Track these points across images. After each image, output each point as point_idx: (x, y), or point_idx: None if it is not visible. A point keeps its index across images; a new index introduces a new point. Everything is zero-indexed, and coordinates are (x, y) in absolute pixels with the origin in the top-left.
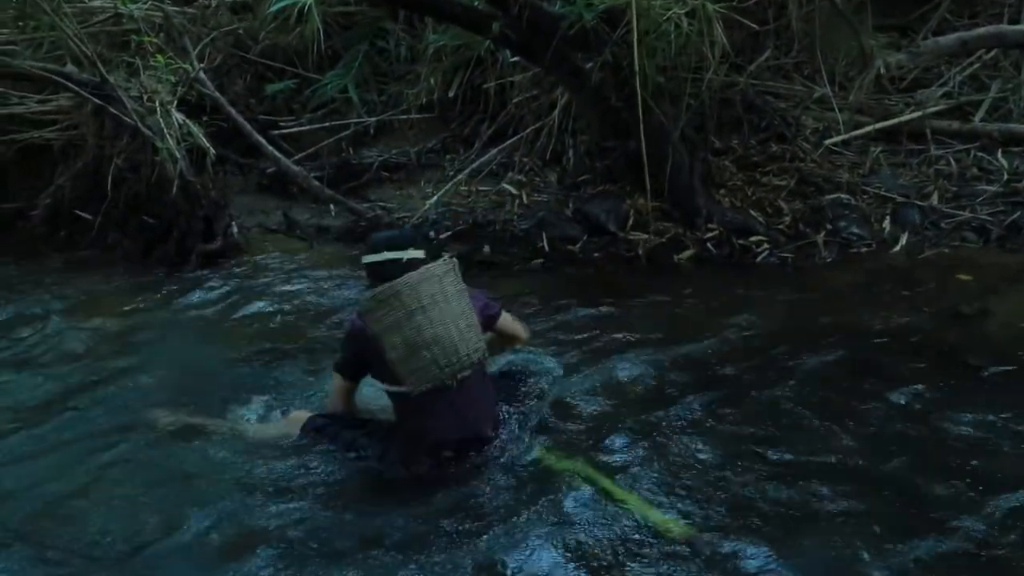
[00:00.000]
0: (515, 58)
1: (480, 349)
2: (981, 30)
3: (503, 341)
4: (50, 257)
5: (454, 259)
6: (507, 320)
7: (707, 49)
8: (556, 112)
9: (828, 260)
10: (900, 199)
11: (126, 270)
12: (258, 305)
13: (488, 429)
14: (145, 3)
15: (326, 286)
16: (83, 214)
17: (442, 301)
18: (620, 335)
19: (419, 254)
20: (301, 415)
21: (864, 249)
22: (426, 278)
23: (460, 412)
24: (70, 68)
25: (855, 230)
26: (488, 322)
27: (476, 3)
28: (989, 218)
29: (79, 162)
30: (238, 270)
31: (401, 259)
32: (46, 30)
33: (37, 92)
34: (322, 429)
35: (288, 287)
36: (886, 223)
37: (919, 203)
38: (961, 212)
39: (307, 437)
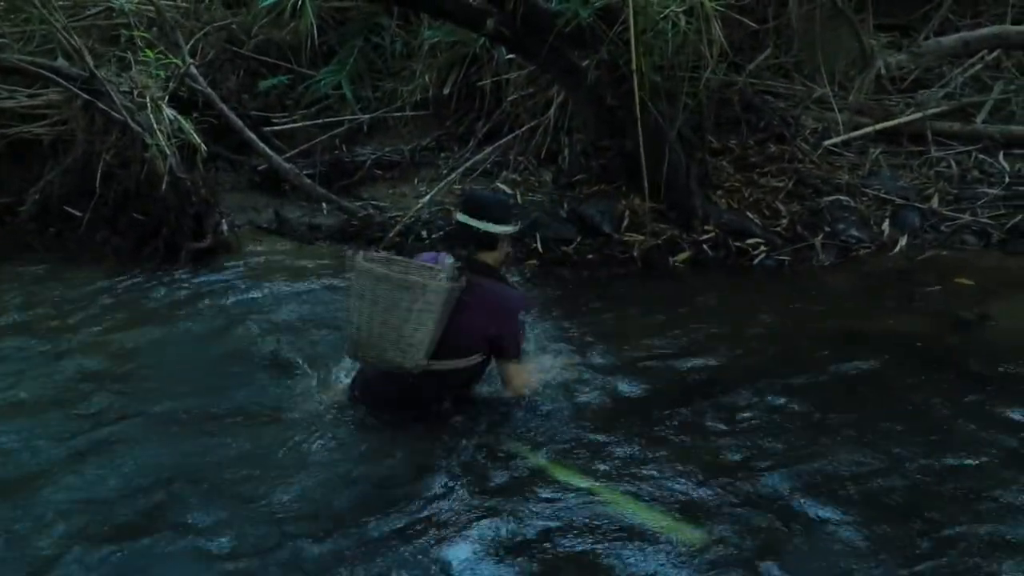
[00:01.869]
0: (510, 55)
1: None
2: (984, 30)
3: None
4: (39, 253)
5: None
6: (511, 370)
7: (705, 48)
8: (552, 110)
9: (826, 263)
10: (900, 201)
11: (115, 267)
12: (245, 304)
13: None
14: None
15: (315, 285)
16: (72, 210)
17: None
18: (613, 340)
19: (497, 228)
20: None
21: (863, 252)
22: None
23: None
24: (60, 62)
25: (854, 233)
26: (491, 348)
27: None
28: (990, 221)
29: (68, 158)
30: (227, 268)
31: (473, 228)
32: (36, 23)
33: (27, 86)
34: None
35: (276, 286)
36: (885, 226)
37: (919, 205)
38: (962, 215)
39: None
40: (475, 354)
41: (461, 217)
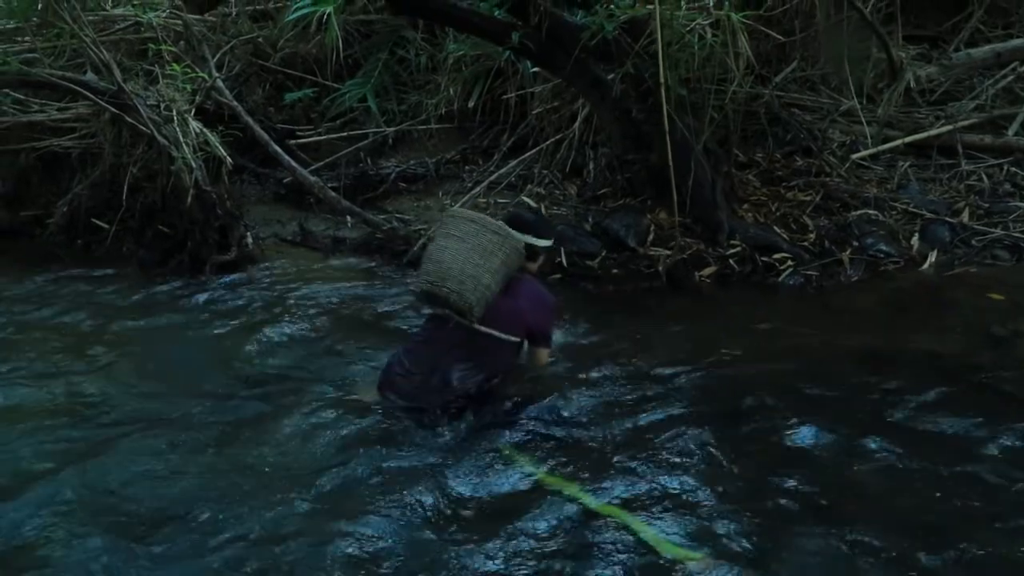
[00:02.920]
0: (536, 69)
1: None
2: (1015, 41)
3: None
4: (67, 265)
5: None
6: (540, 353)
7: (731, 60)
8: (577, 124)
9: (854, 279)
10: (929, 215)
11: (141, 279)
12: (269, 316)
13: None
14: (165, 11)
15: (339, 298)
16: (99, 223)
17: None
18: (636, 356)
19: (538, 242)
20: None
21: (892, 267)
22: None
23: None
24: (89, 76)
25: (882, 247)
26: (529, 335)
27: (496, 13)
28: (1022, 235)
29: (96, 171)
30: (251, 281)
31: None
32: (67, 38)
33: (57, 100)
34: None
35: (300, 299)
36: (915, 240)
37: (949, 220)
38: (993, 229)
39: None
40: (513, 336)
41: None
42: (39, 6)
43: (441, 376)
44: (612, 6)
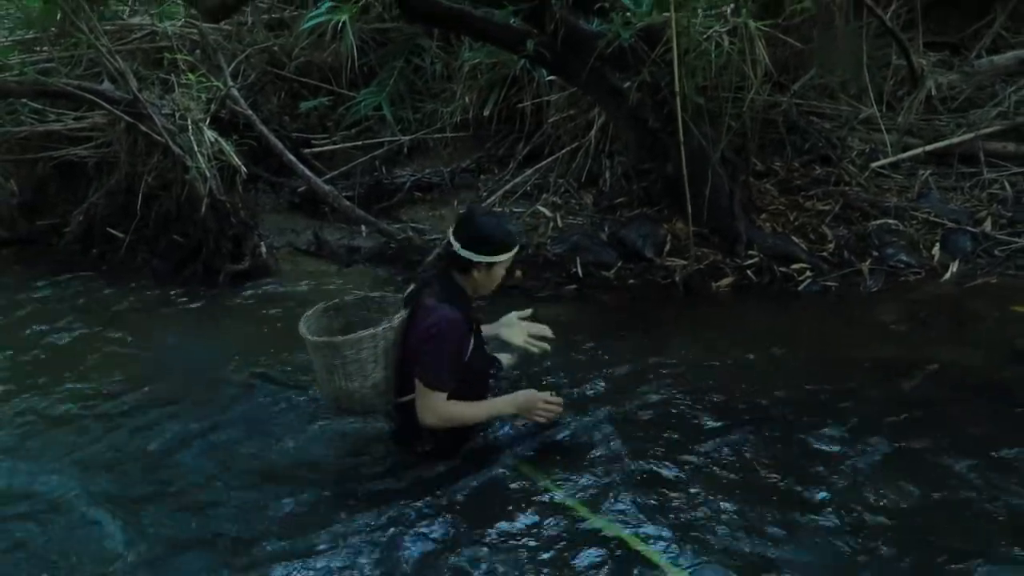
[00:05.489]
0: (551, 77)
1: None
2: None
3: None
4: (82, 274)
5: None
6: (418, 391)
7: (749, 68)
8: (593, 133)
9: (874, 289)
10: (951, 225)
11: (155, 288)
12: (282, 326)
13: None
14: (180, 21)
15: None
16: (114, 232)
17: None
18: (653, 367)
19: (469, 254)
20: None
21: (912, 278)
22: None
23: None
24: (106, 85)
25: (903, 257)
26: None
27: (512, 21)
28: None
29: (111, 180)
30: (265, 291)
31: (451, 246)
32: (84, 48)
33: (74, 109)
34: None
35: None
36: (936, 250)
37: (971, 229)
38: (1016, 239)
39: None
40: None
41: (449, 230)
42: (57, 16)
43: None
44: (628, 13)
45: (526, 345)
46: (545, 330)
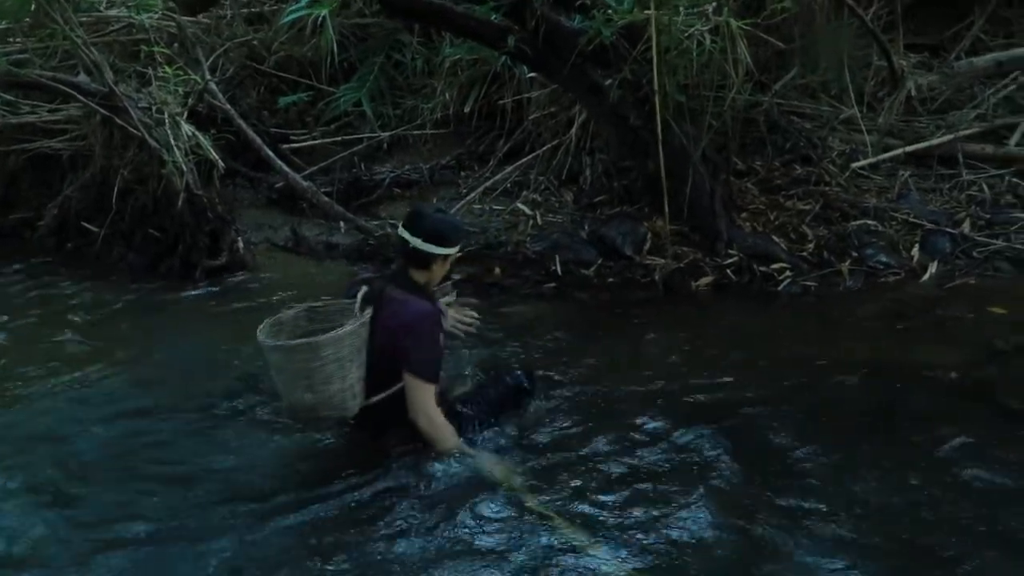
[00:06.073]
0: (532, 74)
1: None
2: (1018, 50)
3: None
4: (56, 269)
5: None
6: (412, 386)
7: (730, 67)
8: (573, 130)
9: (853, 289)
10: (930, 226)
11: (131, 283)
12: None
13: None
14: (158, 13)
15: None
16: (89, 226)
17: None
18: (631, 366)
19: (430, 248)
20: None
21: (891, 278)
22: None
23: None
24: (81, 78)
25: (882, 258)
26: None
27: (493, 17)
28: None
29: (87, 173)
30: (242, 286)
31: (407, 243)
32: (59, 39)
33: (49, 101)
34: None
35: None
36: (915, 251)
37: (950, 230)
38: (994, 240)
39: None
40: (398, 378)
41: (400, 230)
42: (31, 7)
43: (388, 438)
44: (610, 11)
45: (452, 329)
46: (470, 313)
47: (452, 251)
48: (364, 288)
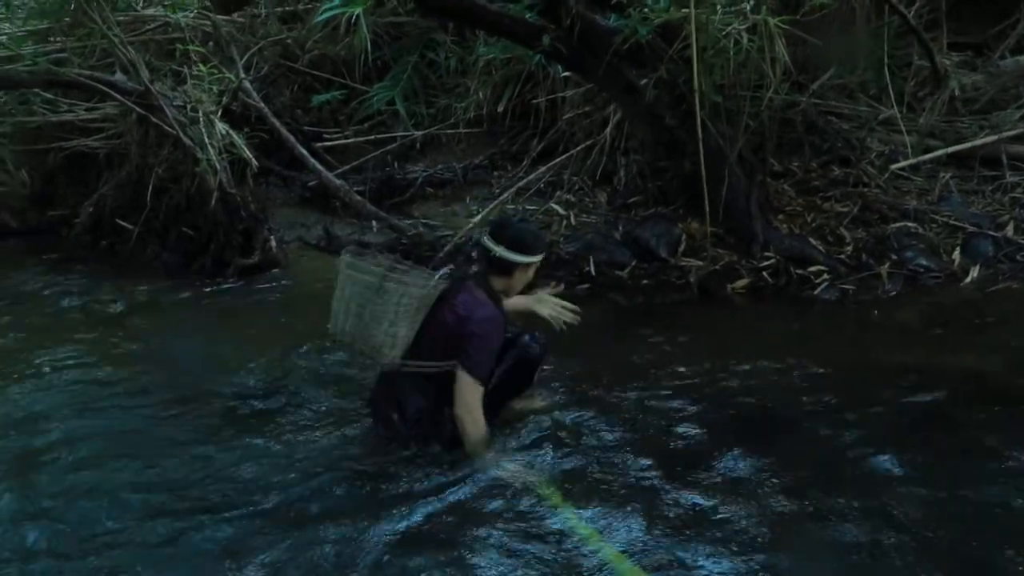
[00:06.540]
0: (567, 73)
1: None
2: None
3: None
4: (91, 265)
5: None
6: (462, 380)
7: (768, 66)
8: (608, 130)
9: (892, 293)
10: (972, 229)
11: (164, 281)
12: (290, 319)
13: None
14: (193, 12)
15: None
16: (124, 224)
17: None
18: (665, 370)
19: (513, 256)
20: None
21: (932, 282)
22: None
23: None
24: (118, 76)
25: (922, 261)
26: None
27: (528, 16)
28: None
29: (122, 171)
30: (273, 284)
31: (491, 252)
32: (97, 38)
33: (86, 100)
34: None
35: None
36: (956, 254)
37: (993, 233)
38: None
39: None
40: (441, 360)
41: (484, 239)
42: (71, 6)
43: (399, 411)
44: (646, 9)
45: (550, 319)
46: (574, 308)
47: (534, 259)
48: (449, 268)
